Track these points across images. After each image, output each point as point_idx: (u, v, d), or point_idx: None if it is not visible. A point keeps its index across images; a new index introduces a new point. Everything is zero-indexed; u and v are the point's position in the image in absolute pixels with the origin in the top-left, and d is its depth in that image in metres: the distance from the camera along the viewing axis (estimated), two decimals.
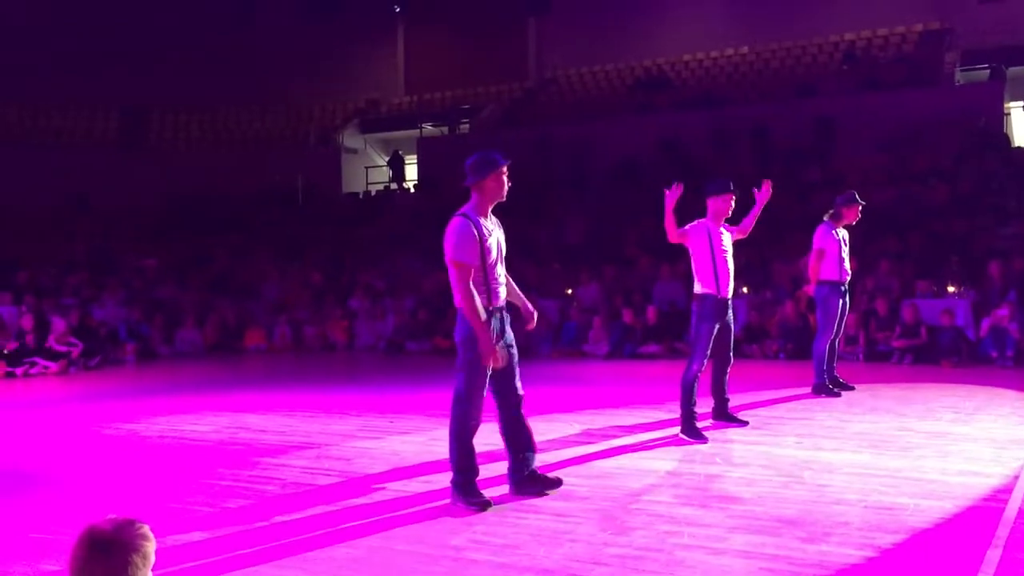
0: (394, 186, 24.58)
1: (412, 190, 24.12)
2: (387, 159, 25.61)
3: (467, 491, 4.93)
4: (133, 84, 24.28)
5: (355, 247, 20.00)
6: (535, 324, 5.34)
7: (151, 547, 2.19)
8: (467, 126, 25.09)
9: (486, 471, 5.21)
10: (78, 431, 8.00)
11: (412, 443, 6.93)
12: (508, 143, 21.52)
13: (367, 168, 26.23)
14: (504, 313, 5.09)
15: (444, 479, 5.67)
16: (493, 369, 4.93)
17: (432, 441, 6.97)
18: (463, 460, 4.97)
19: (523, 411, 5.17)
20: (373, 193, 24.60)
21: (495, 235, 5.03)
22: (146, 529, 2.20)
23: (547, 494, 5.15)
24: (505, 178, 5.01)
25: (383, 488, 5.53)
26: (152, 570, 2.20)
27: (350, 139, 26.51)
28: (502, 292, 5.06)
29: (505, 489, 5.21)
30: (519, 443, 5.17)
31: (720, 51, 23.90)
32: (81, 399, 10.38)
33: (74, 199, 21.57)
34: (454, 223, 4.94)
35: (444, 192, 21.74)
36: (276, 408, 8.94)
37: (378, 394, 9.89)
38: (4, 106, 23.16)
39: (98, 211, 21.59)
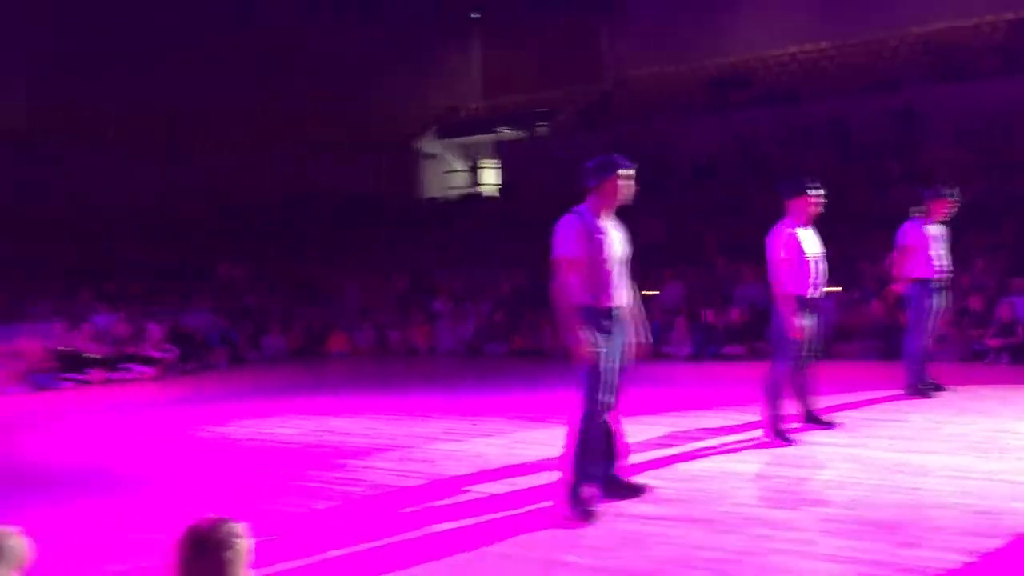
0: (473, 191, 24.77)
1: (490, 194, 24.27)
2: (466, 164, 25.82)
3: (575, 498, 4.82)
4: (214, 93, 24.80)
5: (435, 252, 20.21)
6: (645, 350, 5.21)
7: (246, 544, 2.29)
8: (544, 129, 25.13)
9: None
10: (173, 434, 8.27)
11: (495, 445, 6.97)
12: (585, 145, 21.45)
13: (445, 173, 26.48)
14: (619, 314, 4.97)
15: (529, 481, 5.71)
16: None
17: (515, 444, 7.00)
18: (577, 466, 4.85)
19: (618, 417, 5.11)
20: (453, 198, 24.83)
21: (612, 235, 4.97)
22: (241, 528, 2.31)
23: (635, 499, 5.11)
24: (623, 182, 4.95)
25: (468, 490, 5.58)
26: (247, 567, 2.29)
27: (429, 145, 26.81)
28: (617, 293, 4.94)
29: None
30: (610, 447, 5.14)
31: (798, 46, 23.44)
32: (176, 403, 10.71)
33: (169, 207, 22.15)
34: (563, 220, 4.93)
35: (522, 195, 21.85)
36: (360, 411, 9.09)
37: (459, 397, 9.97)
38: (100, 118, 23.77)
39: (182, 219, 22.16)
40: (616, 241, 5.00)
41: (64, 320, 13.95)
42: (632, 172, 4.99)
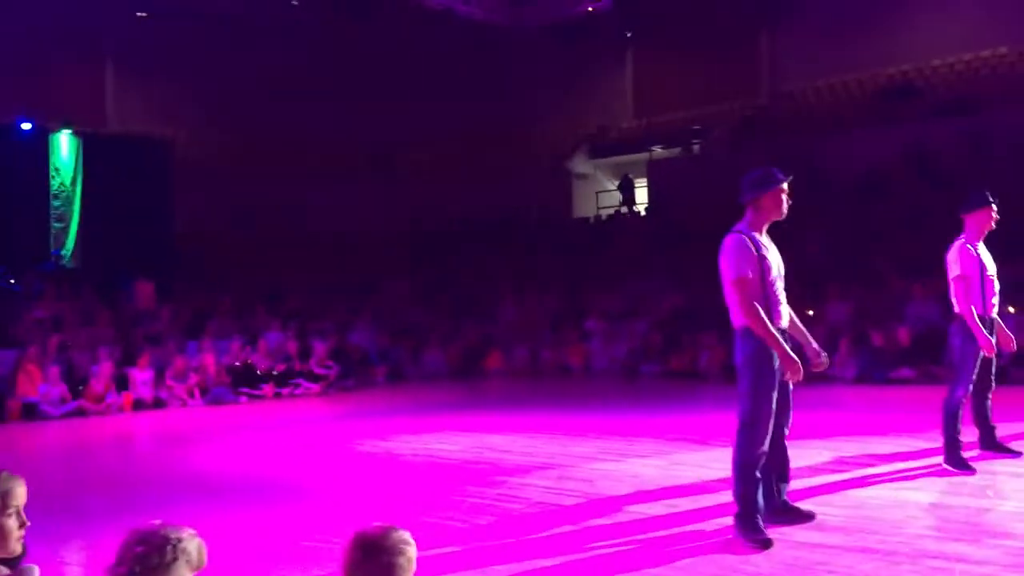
0: (624, 210, 24.67)
1: (643, 213, 24.10)
2: (617, 183, 25.75)
3: (750, 525, 4.66)
4: (380, 122, 25.83)
5: (588, 271, 20.24)
6: (823, 366, 5.00)
7: (413, 551, 2.37)
8: (698, 147, 24.78)
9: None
10: (338, 448, 8.59)
11: (652, 466, 6.89)
12: (740, 161, 20.99)
13: (597, 193, 26.49)
14: (786, 335, 4.85)
15: (687, 503, 5.61)
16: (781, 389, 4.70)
17: (673, 465, 6.90)
18: (747, 490, 4.71)
19: (784, 442, 4.96)
20: (604, 217, 24.80)
21: (772, 252, 4.87)
22: (408, 535, 2.38)
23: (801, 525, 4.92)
24: (785, 196, 4.83)
25: (627, 510, 5.53)
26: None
27: (580, 164, 26.90)
28: (784, 312, 4.85)
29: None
30: (776, 471, 4.97)
31: (974, 53, 22.17)
32: (339, 418, 11.15)
33: (335, 231, 23.20)
34: (730, 240, 4.82)
35: (675, 214, 21.59)
36: (517, 429, 9.18)
37: (615, 417, 9.91)
38: (273, 145, 25.13)
39: (354, 242, 23.10)
40: (777, 259, 4.89)
41: (240, 337, 14.78)
42: (787, 184, 4.85)
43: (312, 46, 24.83)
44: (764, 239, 4.85)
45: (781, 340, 4.67)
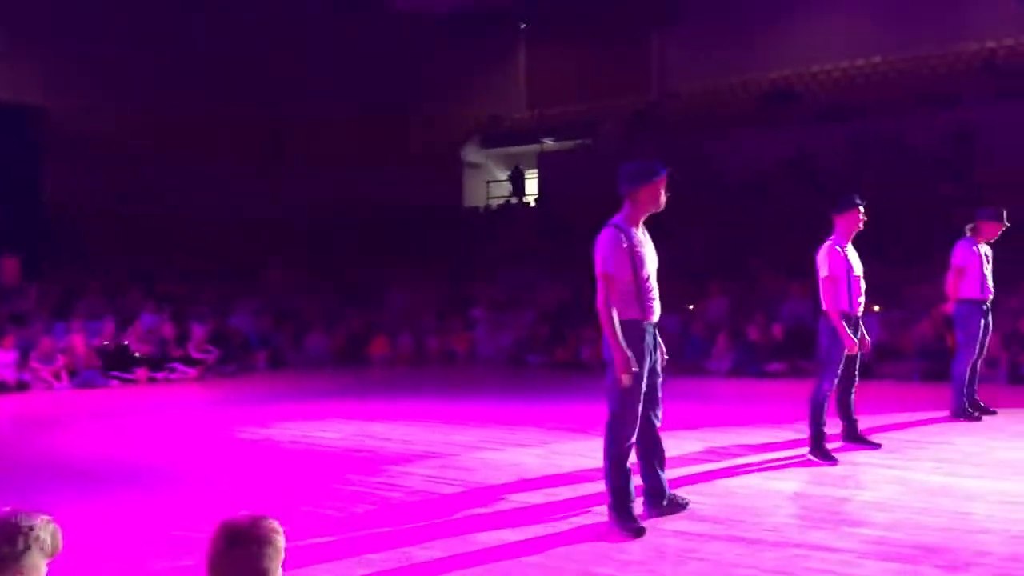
0: (515, 200, 24.81)
1: (532, 204, 24.29)
2: (508, 174, 25.88)
3: (623, 515, 4.74)
4: (274, 101, 25.25)
5: (476, 260, 20.28)
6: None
7: (281, 541, 2.31)
8: (588, 141, 25.12)
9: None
10: (215, 434, 8.37)
11: (533, 455, 6.96)
12: (629, 157, 21.38)
13: (488, 182, 26.57)
14: (656, 330, 4.94)
15: (567, 492, 5.70)
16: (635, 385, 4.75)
17: (553, 454, 6.99)
18: (619, 481, 4.77)
19: (658, 431, 5.06)
20: (494, 207, 24.90)
21: (648, 246, 4.91)
22: (277, 524, 2.32)
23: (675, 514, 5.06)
24: (663, 189, 4.84)
25: (506, 499, 5.57)
26: (282, 566, 2.30)
27: (472, 154, 26.92)
28: (656, 307, 4.89)
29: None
30: (653, 461, 5.09)
31: (851, 61, 23.18)
32: (217, 404, 10.86)
33: (215, 213, 22.55)
34: (603, 234, 4.82)
35: (563, 207, 21.84)
36: (399, 417, 9.14)
37: (499, 406, 9.97)
38: (165, 124, 24.25)
39: (236, 224, 22.52)
40: (652, 253, 4.96)
41: (113, 318, 14.21)
42: (665, 178, 4.86)
43: (202, 21, 24.00)
44: (640, 233, 4.89)
45: (622, 343, 4.66)
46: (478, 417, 9.04)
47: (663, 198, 4.87)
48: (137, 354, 13.39)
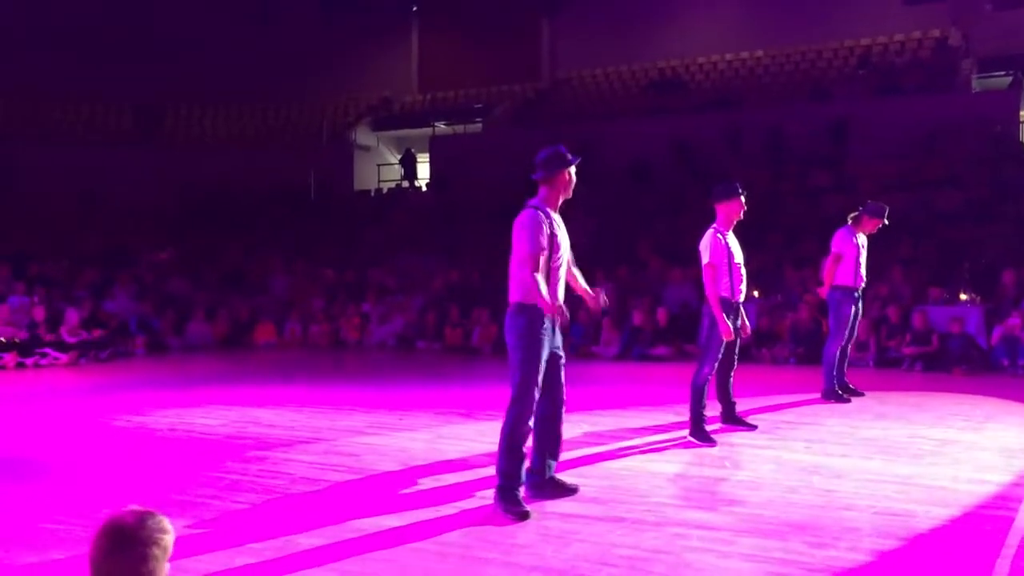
0: (406, 184, 24.61)
1: (423, 188, 24.15)
2: (399, 157, 25.65)
3: (510, 499, 4.77)
4: (147, 79, 24.37)
5: (366, 245, 20.04)
6: (600, 305, 5.25)
7: (170, 539, 2.21)
8: (479, 125, 25.11)
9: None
10: (88, 422, 8.03)
11: (420, 440, 6.94)
12: (519, 142, 21.50)
13: (379, 166, 26.27)
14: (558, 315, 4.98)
15: (453, 477, 5.70)
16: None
17: (440, 439, 6.98)
18: (510, 465, 4.80)
19: (560, 418, 5.10)
20: (385, 191, 24.64)
21: (562, 231, 4.98)
22: (166, 522, 2.22)
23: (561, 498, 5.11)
24: (572, 176, 4.98)
25: (391, 485, 5.54)
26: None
27: (363, 136, 26.55)
28: (560, 293, 4.96)
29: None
30: (547, 447, 5.13)
31: (735, 54, 23.85)
32: (91, 391, 10.42)
33: (89, 194, 21.67)
34: (525, 214, 4.87)
35: (454, 191, 21.79)
36: (285, 403, 8.96)
37: (387, 391, 9.90)
38: (20, 101, 23.27)
39: (112, 205, 21.69)
40: (565, 238, 5.01)
41: None
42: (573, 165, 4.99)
43: None
44: (556, 217, 4.96)
45: (558, 313, 4.78)
46: (366, 402, 8.96)
47: (572, 185, 4.99)
48: (2, 339, 12.72)
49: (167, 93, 25.30)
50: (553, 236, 4.83)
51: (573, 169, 4.98)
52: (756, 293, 13.45)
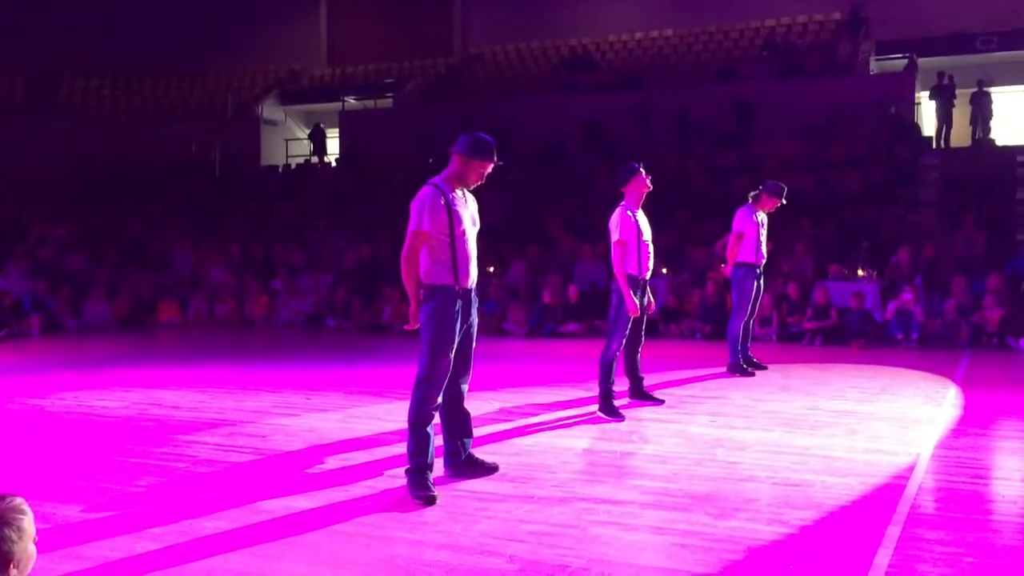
0: (315, 159, 24.18)
1: (333, 164, 23.77)
2: (308, 132, 25.18)
3: (416, 483, 4.71)
4: (42, 48, 23.35)
5: (274, 221, 19.65)
6: None
7: (27, 521, 2.20)
8: (390, 100, 24.82)
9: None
10: None
11: (329, 420, 6.86)
12: (431, 118, 21.38)
13: (287, 141, 25.75)
14: (473, 295, 4.93)
15: (362, 456, 5.65)
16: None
17: (350, 418, 6.92)
18: (415, 446, 4.75)
19: (462, 397, 5.07)
20: (293, 166, 24.17)
21: (469, 209, 4.91)
22: (20, 502, 2.21)
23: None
24: (487, 171, 4.92)
25: (299, 466, 5.46)
26: (49, 549, 2.16)
27: (270, 110, 25.98)
28: (472, 271, 4.87)
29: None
30: (458, 427, 5.12)
31: (644, 33, 24.10)
32: None
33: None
34: (422, 191, 4.79)
35: (365, 166, 21.52)
36: (189, 384, 8.75)
37: (295, 370, 9.75)
38: None
39: (2, 178, 20.74)
40: (471, 216, 4.96)
41: None
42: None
43: None
44: (460, 194, 4.88)
45: (415, 299, 4.78)
46: (273, 382, 8.80)
47: (482, 179, 4.94)
48: None
49: (62, 62, 24.27)
50: (453, 212, 4.74)
51: (490, 168, 4.91)
52: (665, 270, 13.68)
